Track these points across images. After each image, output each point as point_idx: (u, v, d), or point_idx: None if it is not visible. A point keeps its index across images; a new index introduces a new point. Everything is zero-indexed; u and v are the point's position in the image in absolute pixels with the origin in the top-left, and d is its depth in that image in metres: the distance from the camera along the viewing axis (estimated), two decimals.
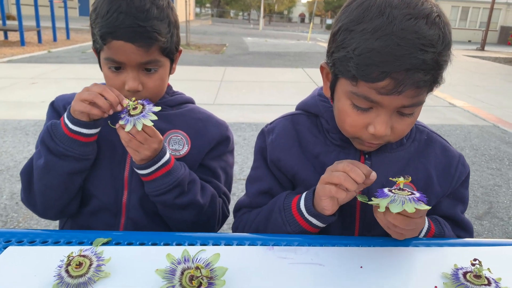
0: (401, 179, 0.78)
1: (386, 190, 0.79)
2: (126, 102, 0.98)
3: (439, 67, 0.78)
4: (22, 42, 11.57)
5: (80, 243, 0.85)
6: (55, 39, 13.51)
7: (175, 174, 1.06)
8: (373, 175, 0.81)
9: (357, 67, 0.78)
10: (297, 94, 1.36)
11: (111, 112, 0.98)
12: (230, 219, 1.22)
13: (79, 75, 7.83)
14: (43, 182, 1.06)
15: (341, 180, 0.80)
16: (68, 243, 0.86)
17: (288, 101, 5.72)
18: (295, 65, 10.74)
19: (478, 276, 0.73)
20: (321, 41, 21.66)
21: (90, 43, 13.42)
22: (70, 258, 0.73)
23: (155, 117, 0.96)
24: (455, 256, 0.83)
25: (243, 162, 3.86)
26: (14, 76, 7.36)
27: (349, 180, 0.80)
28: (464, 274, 0.74)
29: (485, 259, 0.77)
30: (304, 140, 1.02)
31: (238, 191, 3.16)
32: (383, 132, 0.83)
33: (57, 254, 0.78)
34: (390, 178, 0.81)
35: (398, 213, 0.76)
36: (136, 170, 1.05)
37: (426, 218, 0.94)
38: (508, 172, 4.00)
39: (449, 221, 1.02)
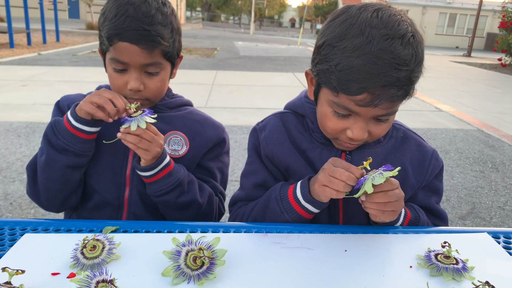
0: (364, 162, 0.89)
1: (361, 178, 0.89)
2: (128, 105, 1.06)
3: (411, 82, 0.88)
4: (12, 44, 11.51)
5: (90, 231, 0.93)
6: (44, 41, 13.47)
7: (176, 175, 1.14)
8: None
9: (338, 81, 0.87)
10: (287, 98, 1.42)
11: (116, 118, 1.06)
12: (225, 216, 1.30)
13: (70, 78, 7.85)
14: (45, 175, 1.14)
15: (340, 187, 0.89)
16: (79, 231, 0.93)
17: (279, 105, 5.83)
18: (285, 70, 10.87)
19: (447, 257, 0.83)
20: (311, 46, 21.86)
21: (81, 46, 13.49)
22: (85, 241, 0.81)
23: (154, 120, 1.04)
24: (429, 241, 0.93)
25: (234, 164, 3.95)
26: (3, 78, 7.35)
27: (348, 186, 0.89)
28: (436, 255, 0.84)
29: (455, 243, 0.87)
30: (292, 137, 1.12)
31: (230, 192, 3.24)
32: (360, 137, 0.93)
33: (71, 240, 0.86)
34: (358, 167, 0.90)
35: (383, 191, 0.87)
36: (139, 172, 1.12)
37: None
38: (490, 174, 4.15)
39: (425, 211, 1.12)
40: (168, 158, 1.13)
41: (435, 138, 5.22)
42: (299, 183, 1.01)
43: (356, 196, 0.89)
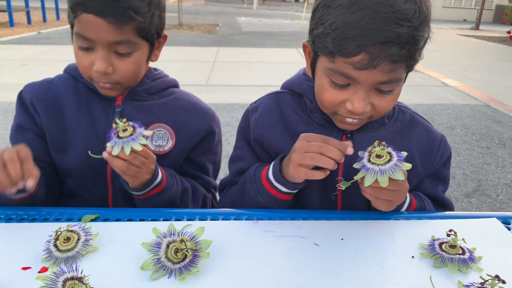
0: (377, 148, 0.80)
1: (365, 159, 0.80)
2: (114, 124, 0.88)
3: (415, 41, 0.78)
4: (11, 23, 11.33)
5: (69, 220, 0.87)
6: (44, 19, 13.24)
7: (168, 193, 1.03)
8: (349, 150, 0.81)
9: (333, 42, 0.79)
10: (290, 75, 1.34)
11: (14, 189, 0.84)
12: None
13: (70, 57, 7.58)
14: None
15: (316, 162, 0.80)
16: (57, 219, 0.87)
17: (281, 82, 5.68)
18: (288, 45, 10.65)
19: (453, 246, 0.76)
20: None
21: None
22: (58, 233, 0.75)
23: (145, 141, 0.87)
24: (433, 228, 0.86)
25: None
26: (3, 58, 7.25)
27: (327, 160, 0.80)
28: (440, 244, 0.77)
29: (461, 231, 0.80)
30: (287, 119, 1.03)
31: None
32: (361, 109, 0.84)
33: (46, 230, 0.80)
34: (368, 148, 0.82)
35: None
36: (128, 190, 1.01)
37: (407, 193, 0.97)
38: (497, 150, 4.05)
39: (430, 200, 1.04)
40: (159, 178, 0.99)
41: (441, 114, 5.10)
42: (272, 164, 0.94)
43: (354, 178, 0.81)
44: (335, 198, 0.99)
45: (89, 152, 0.93)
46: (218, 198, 1.22)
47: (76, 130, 1.07)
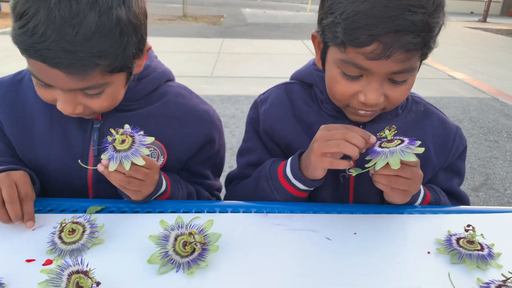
0: (387, 131, 0.77)
1: (376, 145, 0.77)
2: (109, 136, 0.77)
3: (429, 29, 0.75)
4: None
5: (74, 211, 0.85)
6: None
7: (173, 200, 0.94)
8: (372, 138, 0.79)
9: (344, 31, 0.76)
10: (295, 66, 1.32)
11: (10, 223, 0.78)
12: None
13: None
14: None
15: (341, 148, 0.77)
16: (62, 211, 0.85)
17: (287, 74, 5.54)
18: (294, 37, 10.57)
19: (471, 242, 0.73)
20: None
21: None
22: (63, 224, 0.73)
23: (147, 151, 0.77)
24: (449, 223, 0.84)
25: (241, 134, 3.84)
26: (8, 48, 7.21)
27: (351, 147, 0.76)
28: (457, 240, 0.75)
29: (479, 226, 0.77)
30: (297, 110, 1.00)
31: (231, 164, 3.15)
32: (374, 101, 0.81)
33: (51, 222, 0.78)
34: (378, 134, 0.79)
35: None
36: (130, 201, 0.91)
37: (421, 186, 0.94)
38: (505, 144, 4.01)
39: (445, 193, 1.01)
40: (163, 187, 0.90)
41: (448, 107, 5.05)
42: (289, 160, 0.90)
43: (366, 166, 0.78)
44: (344, 180, 0.96)
45: (79, 161, 0.83)
46: (222, 197, 1.17)
47: (48, 150, 0.94)
